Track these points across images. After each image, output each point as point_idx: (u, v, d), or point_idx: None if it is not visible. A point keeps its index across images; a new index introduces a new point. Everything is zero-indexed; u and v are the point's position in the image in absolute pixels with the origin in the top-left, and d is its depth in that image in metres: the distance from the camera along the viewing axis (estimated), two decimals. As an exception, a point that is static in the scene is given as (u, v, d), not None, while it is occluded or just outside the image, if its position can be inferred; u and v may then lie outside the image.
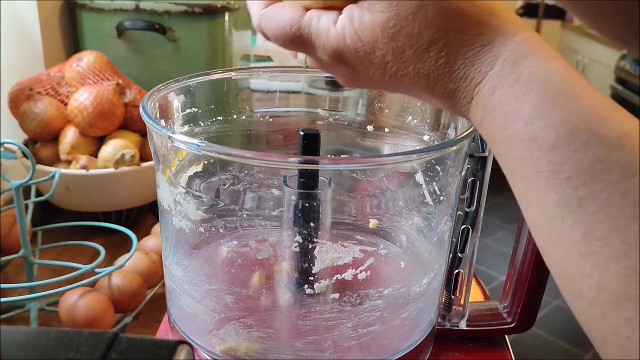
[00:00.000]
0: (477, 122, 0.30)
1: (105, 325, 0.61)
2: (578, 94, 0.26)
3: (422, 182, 0.42)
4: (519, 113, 0.27)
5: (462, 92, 0.30)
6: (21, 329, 0.28)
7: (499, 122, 0.28)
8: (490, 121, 0.29)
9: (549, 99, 0.26)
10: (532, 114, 0.27)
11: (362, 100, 0.55)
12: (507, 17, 0.29)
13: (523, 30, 0.29)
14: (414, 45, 0.29)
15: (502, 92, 0.28)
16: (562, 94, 0.26)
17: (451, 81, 0.30)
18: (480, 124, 0.30)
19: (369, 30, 0.30)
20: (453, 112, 0.32)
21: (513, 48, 0.28)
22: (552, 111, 0.26)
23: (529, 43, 0.28)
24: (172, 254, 0.45)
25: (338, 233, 0.47)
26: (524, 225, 0.46)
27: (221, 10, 1.01)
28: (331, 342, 0.41)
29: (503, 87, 0.28)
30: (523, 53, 0.28)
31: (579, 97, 0.26)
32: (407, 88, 0.32)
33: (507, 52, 0.28)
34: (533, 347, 1.86)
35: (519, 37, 0.28)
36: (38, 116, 0.83)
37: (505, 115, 0.28)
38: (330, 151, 0.54)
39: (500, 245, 2.45)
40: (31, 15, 0.97)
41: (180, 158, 0.43)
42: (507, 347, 0.50)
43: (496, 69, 0.28)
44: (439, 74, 0.30)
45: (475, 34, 0.29)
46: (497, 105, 0.28)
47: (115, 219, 0.85)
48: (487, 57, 0.28)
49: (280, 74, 0.54)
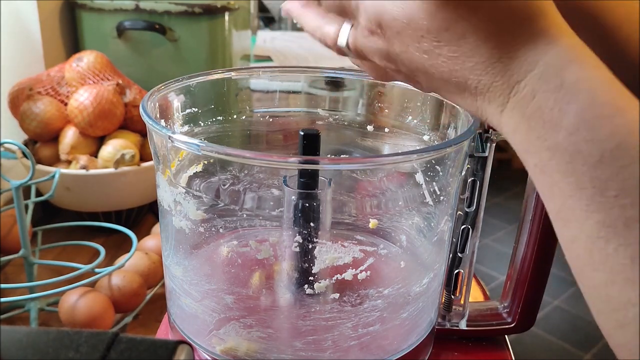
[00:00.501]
0: (510, 128, 0.28)
1: (105, 325, 0.61)
2: (624, 106, 0.25)
3: (422, 182, 0.42)
4: (560, 122, 0.25)
5: (497, 89, 0.28)
6: (21, 329, 0.28)
7: (538, 130, 0.26)
8: (527, 128, 0.27)
9: (594, 109, 0.25)
10: (576, 125, 0.25)
11: (362, 100, 0.55)
12: (555, 20, 0.28)
13: (569, 35, 0.28)
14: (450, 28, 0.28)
15: (543, 97, 0.26)
16: (608, 105, 0.25)
17: (487, 73, 0.28)
18: (514, 131, 0.28)
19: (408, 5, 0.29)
20: (480, 115, 0.30)
21: (558, 52, 0.27)
22: (597, 123, 0.25)
23: (574, 49, 0.27)
24: (172, 254, 0.45)
25: (338, 233, 0.47)
26: (524, 225, 0.46)
27: (221, 10, 1.01)
28: (331, 342, 0.41)
29: (545, 92, 0.26)
30: (568, 59, 0.26)
31: (625, 110, 0.25)
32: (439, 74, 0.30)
33: (551, 55, 0.27)
34: (533, 347, 1.86)
35: (564, 42, 0.27)
36: (38, 116, 0.83)
37: (546, 124, 0.26)
38: (330, 151, 0.54)
39: (500, 245, 2.45)
40: (31, 15, 0.97)
41: (180, 158, 0.43)
42: (507, 347, 0.50)
43: (538, 70, 0.27)
44: (475, 62, 0.28)
45: (520, 30, 0.27)
46: (537, 111, 0.26)
47: (115, 219, 0.85)
48: (529, 56, 0.27)
49: (280, 74, 0.54)
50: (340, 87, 0.59)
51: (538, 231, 0.45)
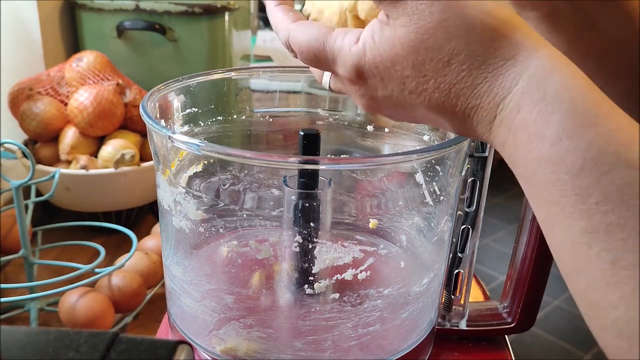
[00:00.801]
0: (499, 143, 0.29)
1: (105, 325, 0.61)
2: (604, 114, 0.26)
3: (422, 182, 0.42)
4: (544, 133, 0.26)
5: (484, 109, 0.29)
6: (21, 329, 0.28)
7: (524, 143, 0.27)
8: (514, 141, 0.28)
9: (575, 118, 0.26)
10: (559, 135, 0.26)
11: (362, 100, 0.55)
12: (527, 31, 0.28)
13: (544, 45, 0.28)
14: (434, 58, 0.29)
15: (527, 110, 0.27)
16: (588, 113, 0.26)
17: (473, 96, 0.29)
18: (503, 146, 0.29)
19: (389, 44, 0.30)
20: (472, 135, 0.31)
21: (538, 64, 0.27)
22: (578, 132, 0.25)
23: (553, 59, 0.27)
24: (172, 254, 0.45)
25: (338, 233, 0.47)
26: (524, 225, 0.46)
27: (221, 10, 1.01)
28: (331, 342, 0.41)
29: (528, 105, 0.27)
30: (548, 69, 0.27)
31: (604, 118, 0.26)
32: (426, 107, 0.31)
33: (532, 67, 0.27)
34: (533, 347, 1.86)
35: (542, 53, 0.28)
36: (38, 116, 0.84)
37: (531, 136, 0.27)
38: (330, 151, 0.54)
39: (500, 245, 2.45)
40: (31, 15, 0.97)
41: (180, 158, 0.43)
42: (507, 347, 0.50)
43: (521, 84, 0.27)
44: (460, 88, 0.29)
45: (497, 47, 0.28)
46: (522, 124, 0.27)
47: (115, 219, 0.85)
48: (510, 72, 0.28)
49: (280, 74, 0.54)
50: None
51: (538, 231, 0.45)
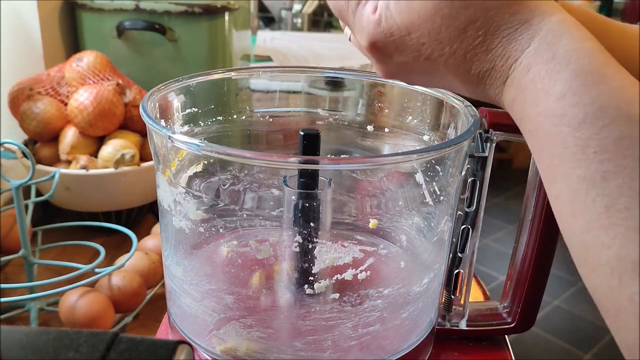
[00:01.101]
0: (509, 101, 0.30)
1: (105, 325, 0.61)
2: (609, 75, 0.27)
3: (422, 182, 0.42)
4: (551, 90, 0.28)
5: (498, 71, 0.30)
6: (21, 329, 0.28)
7: (532, 99, 0.29)
8: (523, 98, 0.29)
9: (581, 77, 0.27)
10: (564, 91, 0.27)
11: (362, 100, 0.55)
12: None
13: (558, 10, 0.30)
14: (451, 26, 0.30)
15: (537, 69, 0.28)
16: (594, 73, 0.27)
17: (488, 60, 0.30)
18: (512, 103, 0.30)
19: (406, 12, 0.31)
20: (484, 98, 0.32)
21: (550, 27, 0.29)
22: (583, 89, 0.27)
23: (565, 23, 0.29)
24: (172, 254, 0.45)
25: (338, 233, 0.47)
26: (524, 225, 0.46)
27: (221, 10, 1.01)
28: (331, 342, 0.41)
29: (538, 65, 0.28)
30: (559, 32, 0.28)
31: (609, 78, 0.27)
32: (441, 73, 0.32)
33: (544, 30, 0.29)
34: (533, 347, 1.86)
35: (555, 17, 0.29)
36: (38, 116, 0.83)
37: (539, 92, 0.28)
38: (330, 151, 0.54)
39: (500, 245, 2.45)
40: (31, 15, 0.97)
41: (180, 158, 0.43)
42: (507, 347, 0.50)
43: (533, 46, 0.29)
44: (475, 53, 0.30)
45: (514, 12, 0.29)
46: (531, 81, 0.29)
47: (115, 219, 0.85)
48: (524, 35, 0.29)
49: (280, 74, 0.54)
50: (340, 87, 0.59)
51: (538, 231, 0.45)
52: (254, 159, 0.36)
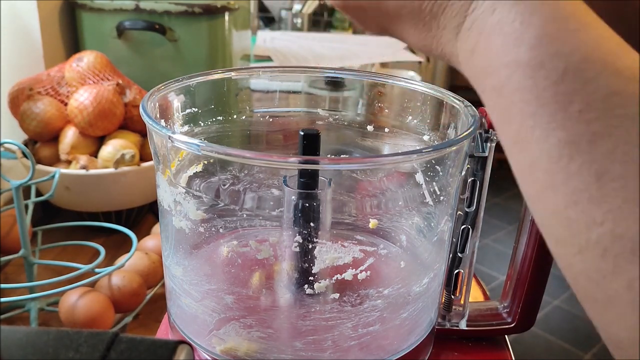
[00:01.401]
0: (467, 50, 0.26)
1: (105, 325, 0.61)
2: (589, 22, 0.23)
3: (422, 182, 0.42)
4: (522, 35, 0.23)
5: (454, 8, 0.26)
6: (21, 329, 0.28)
7: (498, 46, 0.24)
8: (487, 46, 0.25)
9: (558, 22, 0.23)
10: (539, 37, 0.23)
11: (362, 100, 0.55)
12: None
13: None
14: None
15: (504, 9, 0.24)
16: (572, 19, 0.23)
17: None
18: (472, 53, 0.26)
19: None
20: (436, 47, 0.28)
21: None
22: (561, 36, 0.23)
23: None
24: (172, 254, 0.45)
25: (338, 233, 0.47)
26: (524, 225, 0.46)
27: (221, 10, 1.01)
28: (331, 342, 0.41)
29: (506, 5, 0.24)
30: None
31: (590, 25, 0.23)
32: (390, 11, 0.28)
33: None
34: (533, 347, 1.86)
35: None
36: (38, 116, 0.83)
37: (507, 38, 0.24)
38: (330, 151, 0.54)
39: (500, 245, 2.45)
40: (31, 15, 0.97)
41: (180, 158, 0.43)
42: (507, 347, 0.50)
43: None
44: None
45: None
46: (497, 25, 0.24)
47: (115, 219, 0.85)
48: None
49: (280, 74, 0.54)
50: (340, 87, 0.59)
51: (538, 231, 0.45)
52: (254, 159, 0.36)
